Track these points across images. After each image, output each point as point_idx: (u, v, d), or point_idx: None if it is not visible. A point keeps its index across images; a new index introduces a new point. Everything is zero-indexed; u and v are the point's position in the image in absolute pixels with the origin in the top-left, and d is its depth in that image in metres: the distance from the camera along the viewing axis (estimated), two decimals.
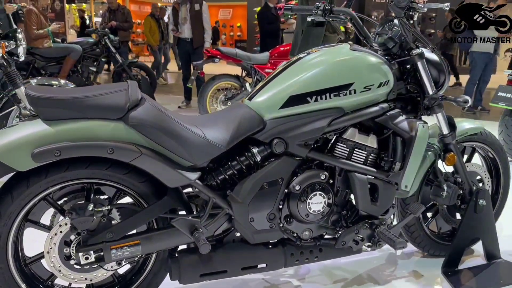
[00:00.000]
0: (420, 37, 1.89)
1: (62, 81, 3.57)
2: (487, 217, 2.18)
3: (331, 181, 1.85)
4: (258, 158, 1.73)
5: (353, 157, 1.84)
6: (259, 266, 1.81)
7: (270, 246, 1.83)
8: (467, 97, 1.85)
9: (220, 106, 5.34)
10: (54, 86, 3.37)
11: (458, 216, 2.28)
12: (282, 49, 5.46)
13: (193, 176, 1.60)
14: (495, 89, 4.26)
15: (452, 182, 2.09)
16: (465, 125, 2.20)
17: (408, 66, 1.96)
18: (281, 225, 1.81)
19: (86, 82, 6.79)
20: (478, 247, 2.32)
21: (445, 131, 2.03)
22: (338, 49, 1.85)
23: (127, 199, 1.72)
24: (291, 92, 1.73)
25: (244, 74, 5.51)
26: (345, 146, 1.83)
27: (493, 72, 7.10)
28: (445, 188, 2.06)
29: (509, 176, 2.39)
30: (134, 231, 1.68)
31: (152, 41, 9.49)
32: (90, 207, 1.56)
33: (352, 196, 1.89)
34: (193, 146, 1.59)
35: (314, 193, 1.79)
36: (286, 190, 1.78)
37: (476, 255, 2.37)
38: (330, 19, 2.13)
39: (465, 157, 2.33)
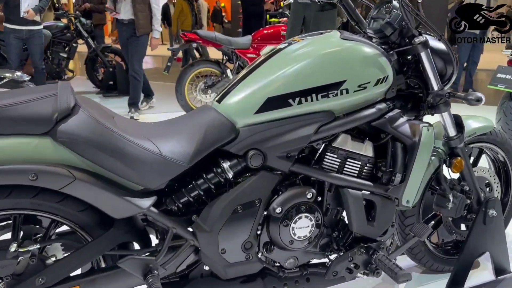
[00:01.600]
0: (425, 22, 1.56)
1: (18, 73, 3.18)
2: (497, 228, 1.90)
3: (319, 199, 1.54)
4: (230, 175, 1.41)
5: (345, 169, 1.54)
6: None
7: (246, 280, 1.52)
8: (480, 95, 1.53)
9: (199, 94, 4.98)
10: (6, 79, 2.98)
11: (463, 227, 2.00)
12: (265, 32, 5.09)
13: (146, 203, 1.28)
14: (484, 70, 3.90)
15: (459, 191, 1.79)
16: (472, 123, 1.89)
17: (409, 57, 1.63)
18: (259, 254, 1.51)
19: (57, 70, 6.36)
20: (484, 257, 2.05)
21: (452, 132, 1.72)
22: (326, 39, 1.53)
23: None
24: (269, 92, 1.40)
25: (225, 60, 5.13)
26: (335, 156, 1.52)
27: (481, 52, 6.85)
28: (451, 198, 1.76)
29: None
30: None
31: (180, 27, 8.38)
32: (13, 247, 1.22)
33: (345, 214, 1.59)
34: (144, 166, 1.26)
35: (299, 215, 1.48)
36: (265, 213, 1.47)
37: (482, 269, 2.10)
38: (318, 1, 1.79)
39: (471, 159, 2.04)
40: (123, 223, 1.32)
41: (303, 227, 1.49)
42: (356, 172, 1.55)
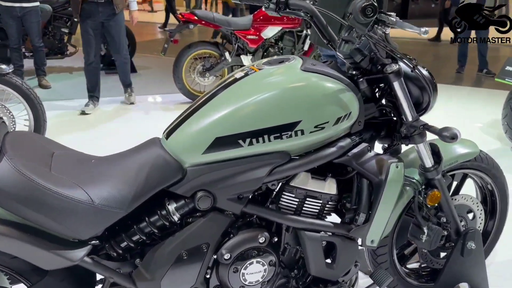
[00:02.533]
0: (395, 53, 1.40)
1: (2, 66, 3.08)
2: (476, 260, 1.79)
3: (275, 239, 1.45)
4: (176, 218, 1.33)
5: (304, 209, 1.43)
6: None
7: None
8: (455, 131, 1.39)
9: (197, 77, 4.84)
10: None
11: (442, 254, 1.89)
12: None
13: (78, 254, 1.20)
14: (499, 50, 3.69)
15: (435, 223, 1.67)
16: (454, 149, 1.75)
17: (382, 84, 1.49)
18: None
19: (59, 45, 6.26)
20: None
21: (428, 164, 1.59)
22: (283, 70, 1.39)
23: None
24: (218, 132, 1.29)
25: (224, 42, 4.95)
26: (293, 196, 1.41)
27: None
28: (426, 231, 1.64)
29: (507, 205, 1.96)
30: None
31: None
32: None
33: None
34: (73, 217, 1.18)
35: (250, 261, 1.39)
36: (214, 256, 1.39)
37: None
38: (283, 15, 1.63)
39: (454, 183, 1.90)
40: (58, 271, 1.26)
41: (254, 272, 1.41)
42: (316, 212, 1.45)
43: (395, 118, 1.53)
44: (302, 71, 1.36)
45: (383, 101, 1.53)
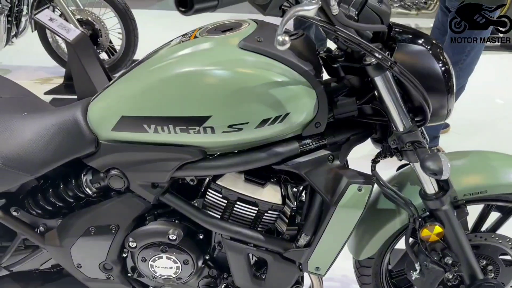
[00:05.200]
0: (365, 47, 0.98)
1: None
2: None
3: (200, 237, 1.25)
4: (90, 191, 1.23)
5: (233, 214, 1.19)
6: None
7: None
8: (444, 165, 0.97)
9: None
10: None
11: None
12: None
13: None
14: None
15: (434, 260, 1.24)
16: (474, 174, 1.26)
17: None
18: (129, 274, 1.34)
19: None
20: None
21: (429, 189, 1.16)
22: (215, 46, 1.08)
23: None
24: (124, 111, 1.11)
25: None
26: (220, 196, 1.18)
27: None
28: (417, 267, 1.25)
29: None
30: None
31: None
32: None
33: None
34: None
35: (159, 255, 1.24)
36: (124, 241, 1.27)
37: None
38: None
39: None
40: None
41: (164, 267, 1.27)
42: (249, 219, 1.19)
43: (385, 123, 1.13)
44: (240, 48, 1.03)
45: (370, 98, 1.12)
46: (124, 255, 1.31)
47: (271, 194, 1.16)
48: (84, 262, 1.31)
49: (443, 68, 1.06)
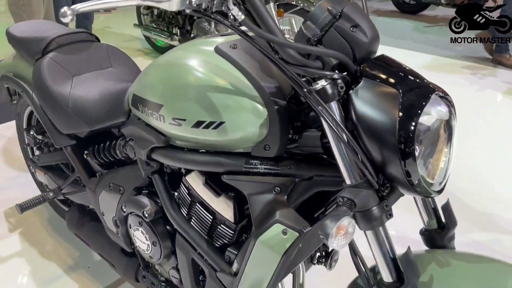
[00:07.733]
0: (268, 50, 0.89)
1: None
2: None
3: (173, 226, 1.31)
4: (120, 155, 1.43)
5: (193, 214, 1.20)
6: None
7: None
8: (330, 230, 0.80)
9: None
10: None
11: None
12: None
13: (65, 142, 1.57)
14: None
15: None
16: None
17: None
18: (131, 237, 1.44)
19: None
20: None
21: (388, 277, 0.90)
22: (196, 45, 1.14)
23: None
24: (135, 89, 1.24)
25: None
26: (186, 192, 1.20)
27: None
28: None
29: None
30: None
31: None
32: None
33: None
34: (55, 113, 1.51)
35: (136, 227, 1.34)
36: None
37: None
38: None
39: None
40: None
41: (140, 240, 1.35)
42: (205, 226, 1.16)
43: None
44: (214, 51, 1.05)
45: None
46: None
47: (223, 207, 1.10)
48: (105, 212, 1.49)
49: (407, 123, 0.80)
